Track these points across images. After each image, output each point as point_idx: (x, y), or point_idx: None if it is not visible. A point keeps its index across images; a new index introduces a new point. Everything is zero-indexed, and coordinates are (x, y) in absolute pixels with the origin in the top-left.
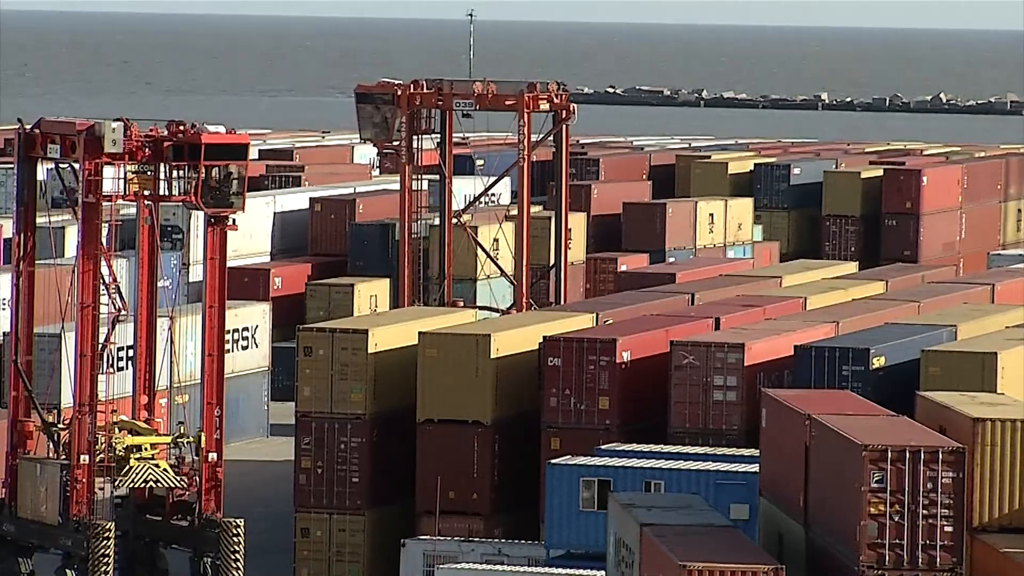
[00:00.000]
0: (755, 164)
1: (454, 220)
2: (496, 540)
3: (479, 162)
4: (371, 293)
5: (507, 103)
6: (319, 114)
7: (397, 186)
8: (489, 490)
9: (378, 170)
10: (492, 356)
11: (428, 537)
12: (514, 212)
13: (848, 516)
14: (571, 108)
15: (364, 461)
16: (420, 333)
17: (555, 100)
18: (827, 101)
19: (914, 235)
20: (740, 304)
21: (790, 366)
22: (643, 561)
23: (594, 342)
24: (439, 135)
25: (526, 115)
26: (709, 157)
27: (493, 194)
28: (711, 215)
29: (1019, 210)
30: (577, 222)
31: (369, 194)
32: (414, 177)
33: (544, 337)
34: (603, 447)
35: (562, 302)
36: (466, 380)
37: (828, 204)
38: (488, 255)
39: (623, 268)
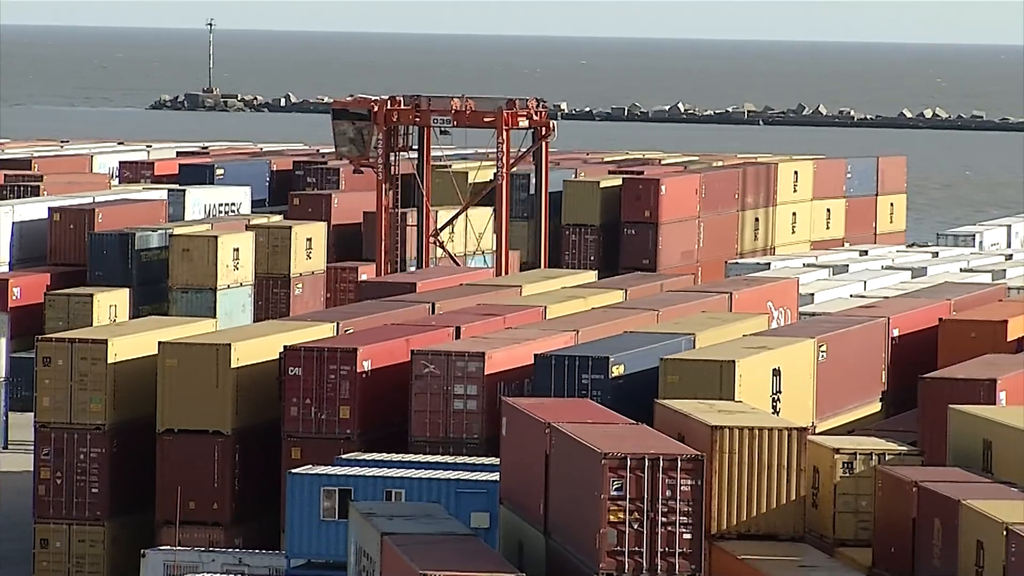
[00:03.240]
0: (495, 174)
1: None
2: (237, 550)
3: (219, 171)
4: (111, 303)
5: (486, 120)
6: (59, 124)
7: (137, 196)
8: (230, 500)
9: (118, 180)
10: (232, 366)
11: (168, 547)
12: (255, 221)
13: (588, 524)
14: (551, 125)
15: (104, 471)
16: (160, 343)
17: (535, 117)
18: (567, 110)
19: (653, 244)
20: (480, 313)
21: (530, 375)
22: (384, 570)
23: (335, 351)
24: (417, 151)
25: (505, 132)
26: (449, 167)
27: (233, 203)
28: (452, 224)
29: (756, 219)
30: (317, 231)
31: (108, 204)
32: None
33: (284, 346)
34: (344, 456)
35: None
36: (206, 390)
37: (567, 213)
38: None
39: (364, 277)
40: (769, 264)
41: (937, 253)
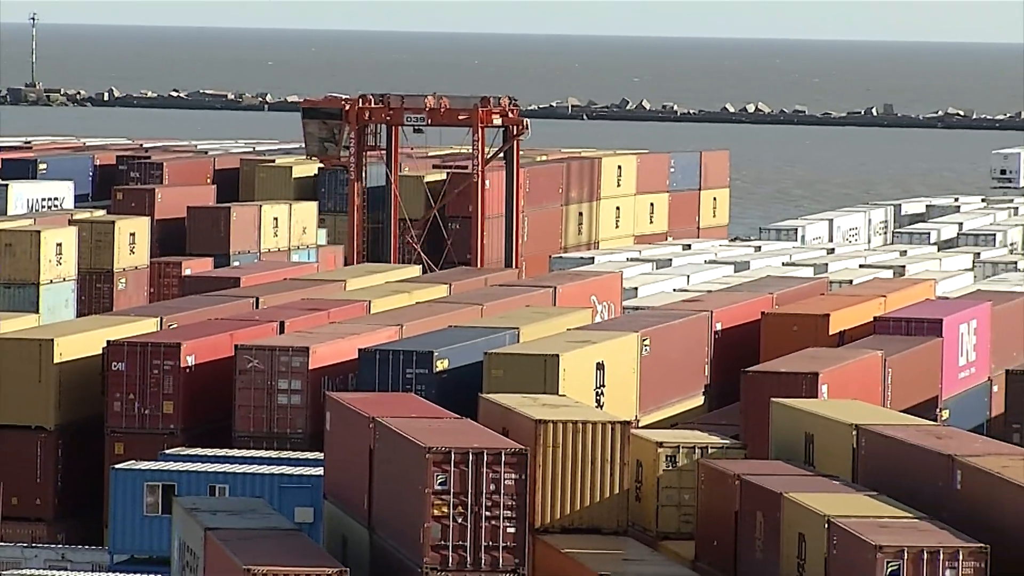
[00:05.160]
0: (319, 168)
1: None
2: (59, 545)
3: (42, 166)
4: None
5: (460, 118)
6: None
7: None
8: (52, 495)
9: None
10: (55, 361)
11: None
12: (79, 216)
13: (412, 518)
14: (524, 123)
15: None
16: None
17: (508, 115)
18: None
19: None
20: (305, 308)
21: (355, 369)
22: (207, 565)
23: (158, 346)
24: (385, 150)
25: (480, 130)
26: (273, 161)
27: (56, 198)
28: (275, 219)
29: (580, 213)
30: (140, 226)
31: None
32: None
33: (108, 341)
34: (168, 452)
35: None
36: (29, 385)
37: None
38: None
39: (187, 272)
40: (593, 258)
41: (760, 247)
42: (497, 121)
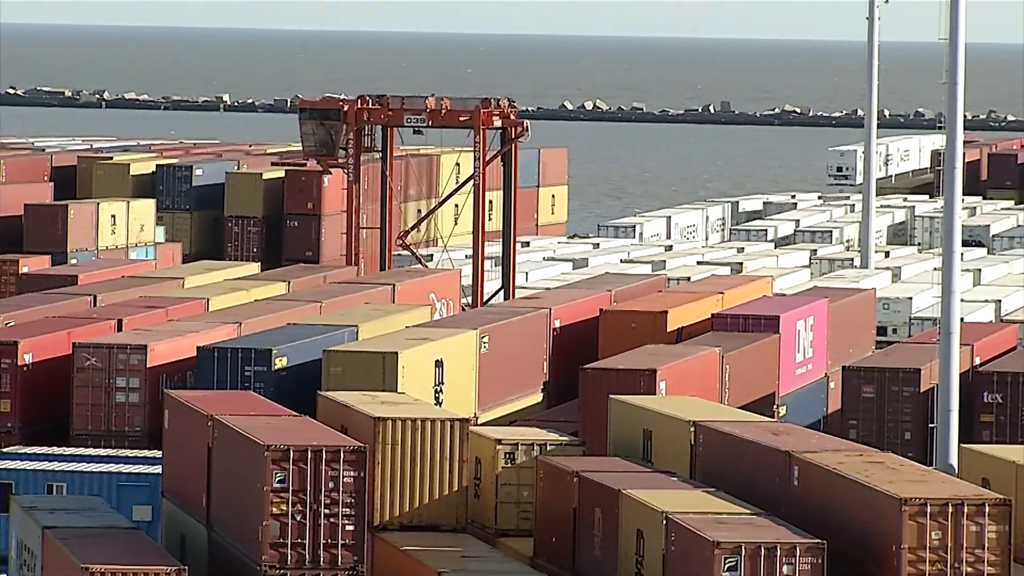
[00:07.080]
0: (157, 165)
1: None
2: None
3: None
4: None
5: (461, 119)
6: None
7: None
8: None
9: None
10: None
11: None
12: None
13: (251, 516)
14: (524, 124)
15: None
16: None
17: (508, 117)
18: (229, 102)
19: (316, 236)
20: (143, 305)
21: (193, 367)
22: (46, 564)
23: None
24: (381, 151)
25: (482, 132)
26: (111, 158)
27: None
28: (113, 216)
29: (419, 211)
30: None
31: None
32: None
33: None
34: (5, 450)
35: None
36: None
37: (230, 205)
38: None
39: (25, 270)
40: (432, 256)
41: (598, 244)
42: (497, 123)
